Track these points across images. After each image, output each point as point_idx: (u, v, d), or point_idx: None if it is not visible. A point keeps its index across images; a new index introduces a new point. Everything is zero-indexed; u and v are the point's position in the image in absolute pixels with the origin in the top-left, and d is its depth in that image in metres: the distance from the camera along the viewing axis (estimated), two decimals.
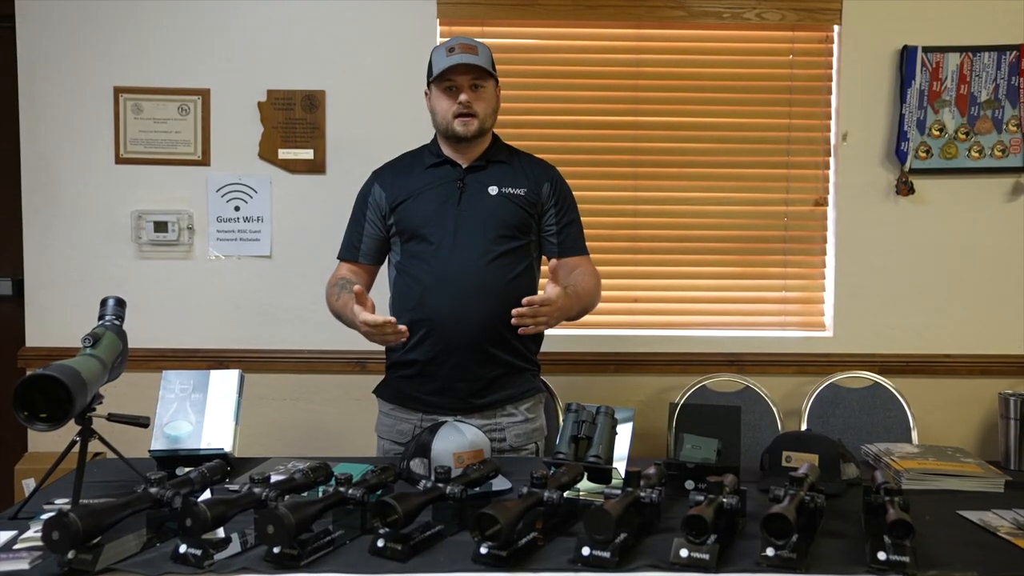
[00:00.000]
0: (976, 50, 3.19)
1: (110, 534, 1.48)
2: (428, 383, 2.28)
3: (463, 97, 2.22)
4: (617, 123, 3.30)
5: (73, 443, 1.78)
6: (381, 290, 2.42)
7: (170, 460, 2.00)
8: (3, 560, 1.49)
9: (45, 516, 1.67)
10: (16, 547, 1.56)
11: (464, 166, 2.30)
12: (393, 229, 2.33)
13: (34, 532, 1.60)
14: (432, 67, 2.26)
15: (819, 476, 1.77)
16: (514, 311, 2.05)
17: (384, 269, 2.44)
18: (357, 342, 3.12)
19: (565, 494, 1.66)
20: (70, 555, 1.43)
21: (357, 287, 2.08)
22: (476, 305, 2.21)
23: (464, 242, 2.24)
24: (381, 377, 2.44)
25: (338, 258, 2.41)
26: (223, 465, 1.77)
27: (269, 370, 3.19)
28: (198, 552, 1.48)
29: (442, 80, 2.23)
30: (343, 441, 3.14)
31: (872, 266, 3.28)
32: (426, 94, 2.34)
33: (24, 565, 1.47)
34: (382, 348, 2.44)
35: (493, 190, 2.28)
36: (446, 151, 2.32)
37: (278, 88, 3.18)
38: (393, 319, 2.07)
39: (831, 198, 3.31)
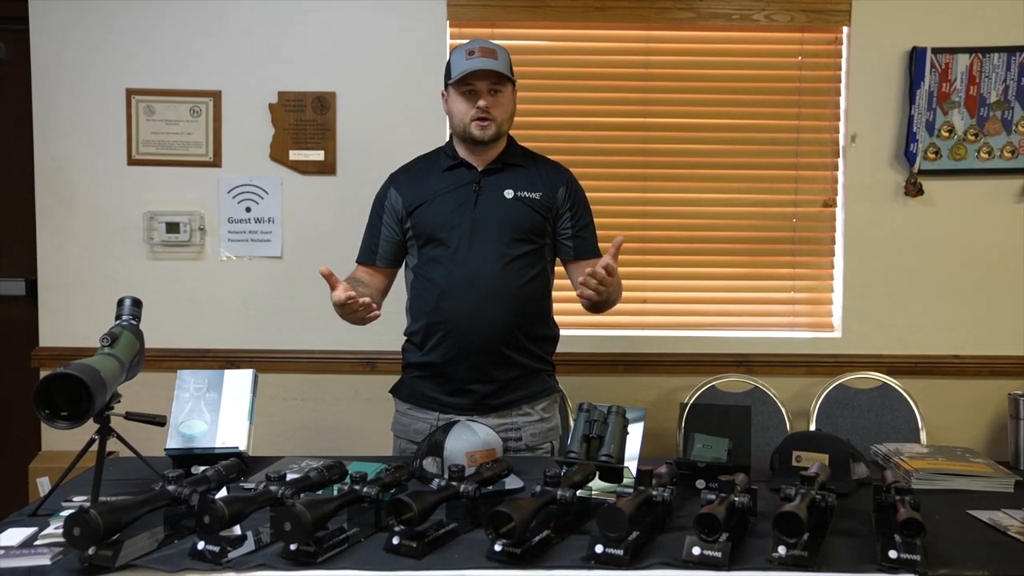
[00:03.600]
0: (985, 51, 3.20)
1: (128, 531, 1.50)
2: (444, 384, 2.30)
3: (482, 103, 2.23)
4: (626, 124, 3.31)
5: (92, 441, 1.80)
6: (399, 294, 2.43)
7: (185, 458, 2.02)
8: (25, 556, 1.51)
9: (64, 513, 1.69)
10: (37, 543, 1.58)
11: (480, 169, 2.32)
12: (410, 233, 2.34)
13: (54, 529, 1.62)
14: (451, 69, 2.27)
15: (829, 475, 1.78)
16: (581, 282, 2.06)
17: (402, 272, 2.45)
18: (367, 342, 3.15)
19: (578, 493, 1.67)
20: (91, 551, 1.46)
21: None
22: (492, 308, 2.23)
23: (480, 245, 2.25)
24: (391, 377, 2.46)
25: (356, 261, 2.43)
26: (239, 463, 1.79)
27: (280, 370, 3.21)
28: (215, 549, 1.50)
29: (461, 84, 2.23)
30: (354, 440, 3.15)
31: (881, 267, 3.28)
32: (443, 95, 2.35)
33: (45, 561, 1.50)
34: (393, 348, 2.46)
35: (509, 193, 2.29)
36: (462, 153, 2.33)
37: (289, 90, 3.20)
38: (353, 294, 2.03)
39: (840, 199, 3.32)
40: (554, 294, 2.43)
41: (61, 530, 1.47)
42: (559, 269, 2.44)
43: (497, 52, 2.25)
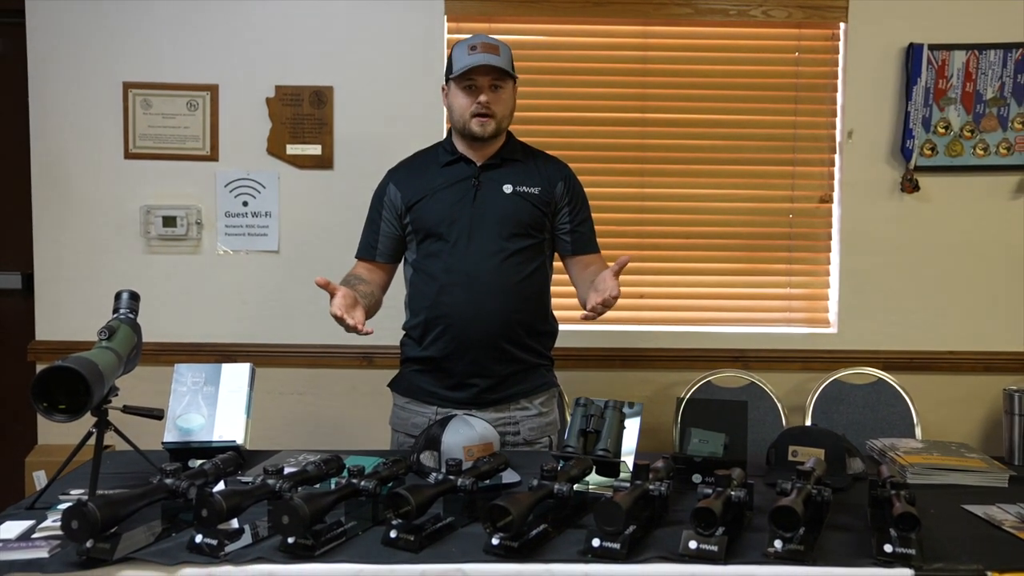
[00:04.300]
0: (982, 48, 3.20)
1: (125, 524, 1.51)
2: (444, 379, 2.30)
3: (483, 98, 2.23)
4: (624, 120, 3.31)
5: (89, 434, 1.81)
6: (396, 288, 2.43)
7: (183, 452, 2.02)
8: (23, 549, 1.51)
9: (62, 506, 1.69)
10: (35, 536, 1.59)
11: (479, 164, 2.32)
12: (409, 228, 2.34)
13: (52, 522, 1.63)
14: (453, 64, 2.27)
15: (825, 470, 1.78)
16: (589, 308, 2.10)
17: (400, 267, 2.45)
18: (364, 337, 3.16)
19: (575, 487, 1.68)
20: (88, 544, 1.46)
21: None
22: (491, 303, 2.23)
23: (479, 240, 2.25)
24: (388, 371, 2.46)
25: (356, 257, 2.43)
26: (236, 457, 1.80)
27: (277, 364, 3.21)
28: (213, 542, 1.51)
29: (462, 78, 2.23)
30: (350, 434, 3.16)
31: (877, 263, 3.29)
32: (443, 89, 2.35)
33: (43, 554, 1.50)
34: (390, 343, 2.46)
35: (508, 188, 2.30)
36: (461, 148, 2.33)
37: (286, 84, 3.19)
38: (341, 315, 2.03)
39: (836, 195, 3.33)
40: (553, 289, 2.43)
41: (59, 523, 1.47)
42: (558, 264, 2.45)
43: (499, 48, 2.25)
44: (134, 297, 1.98)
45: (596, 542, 1.52)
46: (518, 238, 2.28)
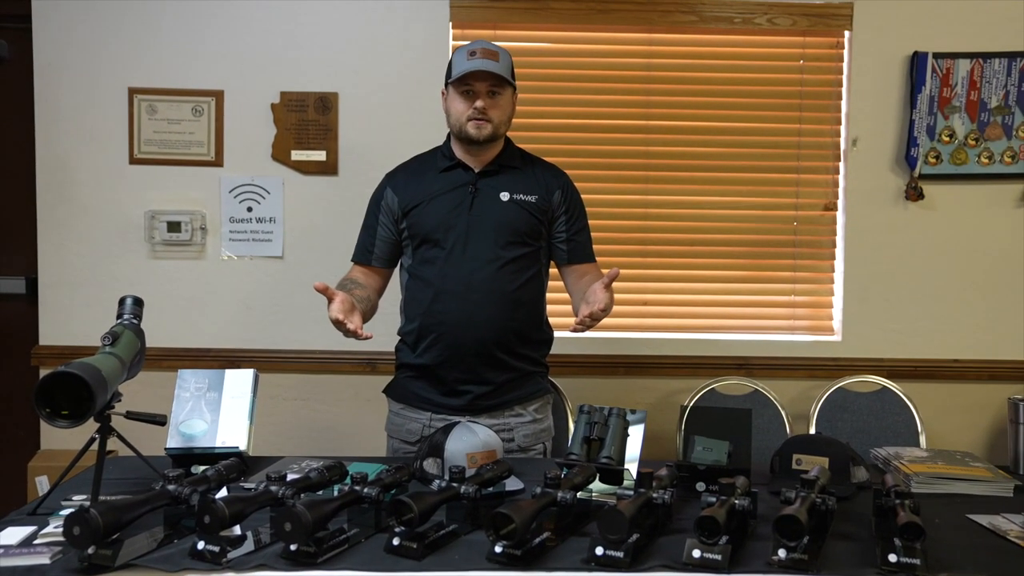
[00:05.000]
0: (986, 56, 3.20)
1: (128, 531, 1.50)
2: (437, 385, 2.30)
3: (479, 103, 2.23)
4: (628, 127, 3.31)
5: (92, 440, 1.80)
6: (394, 293, 2.43)
7: (185, 458, 2.02)
8: (24, 555, 1.51)
9: (64, 512, 1.69)
10: (36, 542, 1.58)
11: (476, 170, 2.32)
12: (405, 233, 2.34)
13: (54, 528, 1.62)
14: (452, 68, 2.27)
15: (829, 479, 1.78)
16: (577, 321, 2.08)
17: (396, 272, 2.45)
18: (367, 343, 3.16)
19: (578, 495, 1.67)
20: (90, 550, 1.46)
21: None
22: (485, 311, 2.23)
23: (475, 248, 2.25)
24: (391, 377, 2.46)
25: (352, 261, 2.43)
26: (239, 463, 1.79)
27: (280, 370, 3.21)
28: (215, 549, 1.50)
29: (460, 83, 2.24)
30: (353, 441, 3.16)
31: (881, 271, 3.29)
32: (443, 93, 2.35)
33: (45, 560, 1.50)
34: (392, 349, 2.46)
35: (504, 196, 2.29)
36: (459, 154, 2.33)
37: (291, 90, 3.20)
38: (342, 319, 2.03)
39: (840, 203, 3.32)
40: (551, 296, 2.43)
41: (61, 529, 1.47)
42: (553, 271, 2.44)
43: (499, 54, 2.26)
44: (138, 302, 1.98)
45: (599, 550, 1.52)
46: (514, 246, 2.28)
